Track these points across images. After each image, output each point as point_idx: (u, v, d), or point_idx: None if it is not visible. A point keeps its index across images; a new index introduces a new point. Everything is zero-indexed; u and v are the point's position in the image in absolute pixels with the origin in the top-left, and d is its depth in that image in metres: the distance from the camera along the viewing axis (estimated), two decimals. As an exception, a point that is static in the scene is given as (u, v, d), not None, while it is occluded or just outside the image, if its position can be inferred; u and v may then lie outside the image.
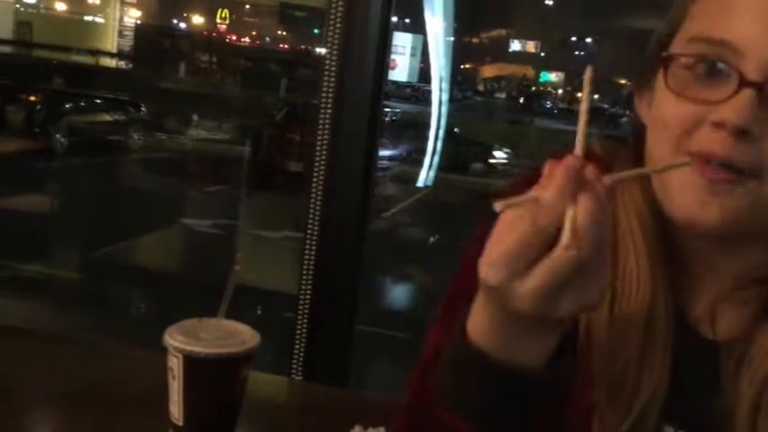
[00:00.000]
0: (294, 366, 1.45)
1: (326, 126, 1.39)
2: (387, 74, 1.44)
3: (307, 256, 1.43)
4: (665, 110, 0.68)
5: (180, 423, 0.98)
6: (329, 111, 1.38)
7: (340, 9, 1.36)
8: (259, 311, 4.03)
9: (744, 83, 0.62)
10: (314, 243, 1.42)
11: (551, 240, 0.54)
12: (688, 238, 0.72)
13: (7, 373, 0.57)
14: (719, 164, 0.64)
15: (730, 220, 0.65)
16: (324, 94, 1.38)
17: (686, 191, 0.65)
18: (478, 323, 0.61)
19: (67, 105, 9.83)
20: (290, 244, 5.43)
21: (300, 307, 1.44)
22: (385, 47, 1.39)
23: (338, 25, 1.36)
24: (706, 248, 0.71)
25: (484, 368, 0.60)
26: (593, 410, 0.70)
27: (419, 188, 8.95)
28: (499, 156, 11.18)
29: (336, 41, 1.37)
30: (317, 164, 1.40)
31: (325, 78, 1.38)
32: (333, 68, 1.38)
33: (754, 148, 0.63)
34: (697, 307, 0.73)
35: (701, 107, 0.65)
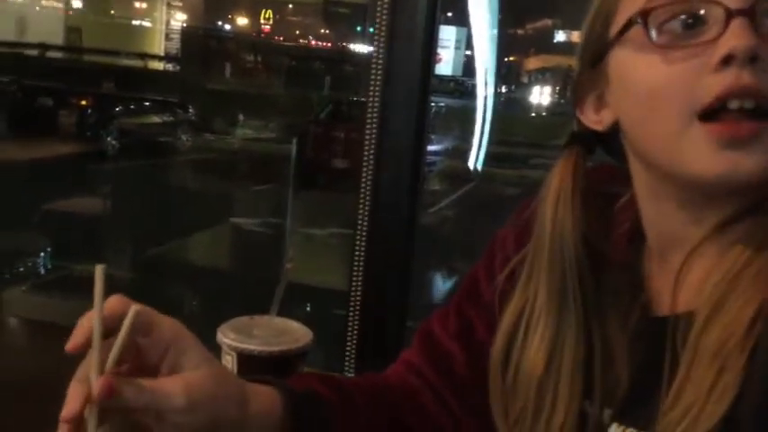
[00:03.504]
0: (347, 363, 1.45)
1: (374, 123, 1.39)
2: (434, 69, 1.43)
3: (357, 253, 1.43)
4: (656, 77, 0.63)
5: (235, 421, 0.99)
6: (376, 107, 1.38)
7: (386, 4, 1.35)
8: (308, 308, 4.05)
9: (732, 13, 0.60)
10: (363, 239, 1.42)
11: None
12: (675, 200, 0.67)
13: (62, 370, 0.58)
14: (739, 112, 0.59)
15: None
16: (371, 91, 1.38)
17: (709, 156, 0.61)
18: None
19: (117, 108, 10.02)
20: (337, 241, 5.46)
21: (352, 304, 1.44)
22: (431, 41, 1.38)
23: (384, 21, 1.36)
24: (698, 204, 0.66)
25: None
26: None
27: (464, 182, 8.92)
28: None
29: (382, 38, 1.36)
30: (365, 160, 1.40)
31: (372, 75, 1.38)
32: (379, 65, 1.37)
33: None
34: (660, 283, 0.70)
35: (696, 57, 0.61)
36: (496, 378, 0.74)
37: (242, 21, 27.03)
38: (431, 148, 8.69)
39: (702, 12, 0.62)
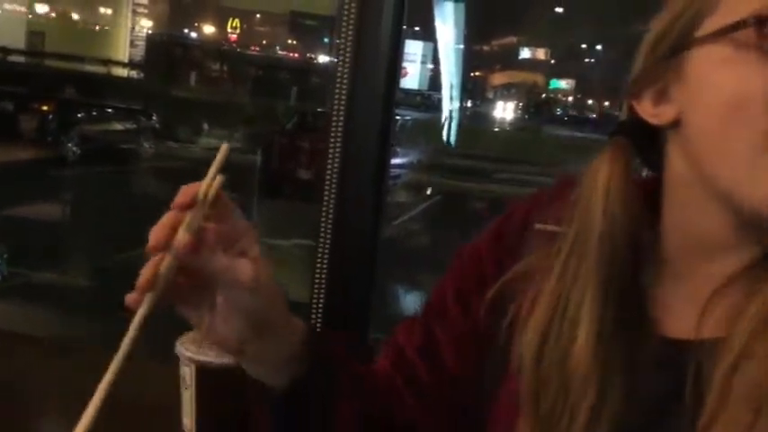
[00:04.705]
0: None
1: (338, 134, 1.38)
2: (398, 82, 1.44)
3: (319, 265, 1.42)
4: (754, 86, 0.57)
5: (192, 433, 0.98)
6: (341, 119, 1.38)
7: (352, 17, 1.36)
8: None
9: None
10: (326, 251, 1.41)
11: None
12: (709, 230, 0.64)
13: (17, 380, 0.57)
14: None
15: None
16: (335, 103, 1.38)
17: None
18: None
19: (79, 115, 9.90)
20: (300, 252, 5.44)
21: (313, 315, 1.43)
22: (396, 55, 1.39)
23: (350, 33, 1.36)
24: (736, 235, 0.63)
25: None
26: None
27: (428, 196, 8.96)
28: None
29: (348, 50, 1.36)
30: (328, 172, 1.39)
31: (337, 87, 1.37)
32: (344, 77, 1.37)
33: None
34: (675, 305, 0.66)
35: None
36: (530, 368, 0.67)
37: (208, 29, 26.90)
38: (396, 160, 8.72)
39: None
